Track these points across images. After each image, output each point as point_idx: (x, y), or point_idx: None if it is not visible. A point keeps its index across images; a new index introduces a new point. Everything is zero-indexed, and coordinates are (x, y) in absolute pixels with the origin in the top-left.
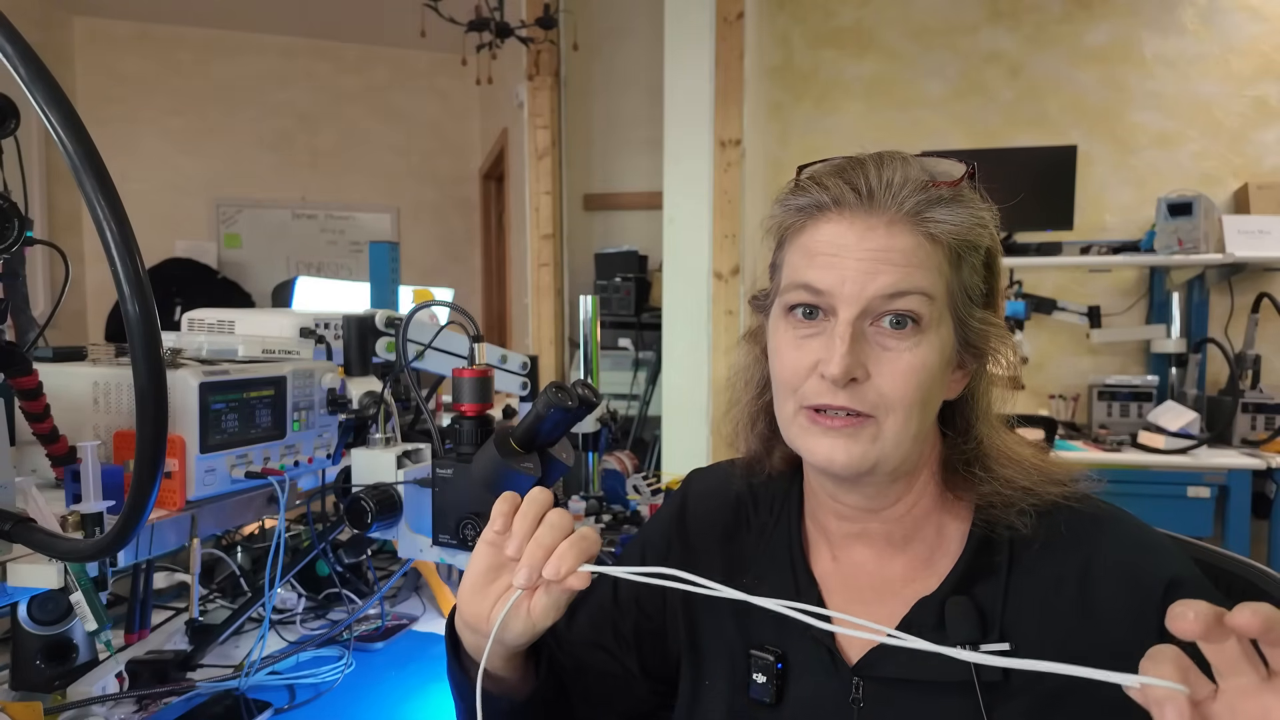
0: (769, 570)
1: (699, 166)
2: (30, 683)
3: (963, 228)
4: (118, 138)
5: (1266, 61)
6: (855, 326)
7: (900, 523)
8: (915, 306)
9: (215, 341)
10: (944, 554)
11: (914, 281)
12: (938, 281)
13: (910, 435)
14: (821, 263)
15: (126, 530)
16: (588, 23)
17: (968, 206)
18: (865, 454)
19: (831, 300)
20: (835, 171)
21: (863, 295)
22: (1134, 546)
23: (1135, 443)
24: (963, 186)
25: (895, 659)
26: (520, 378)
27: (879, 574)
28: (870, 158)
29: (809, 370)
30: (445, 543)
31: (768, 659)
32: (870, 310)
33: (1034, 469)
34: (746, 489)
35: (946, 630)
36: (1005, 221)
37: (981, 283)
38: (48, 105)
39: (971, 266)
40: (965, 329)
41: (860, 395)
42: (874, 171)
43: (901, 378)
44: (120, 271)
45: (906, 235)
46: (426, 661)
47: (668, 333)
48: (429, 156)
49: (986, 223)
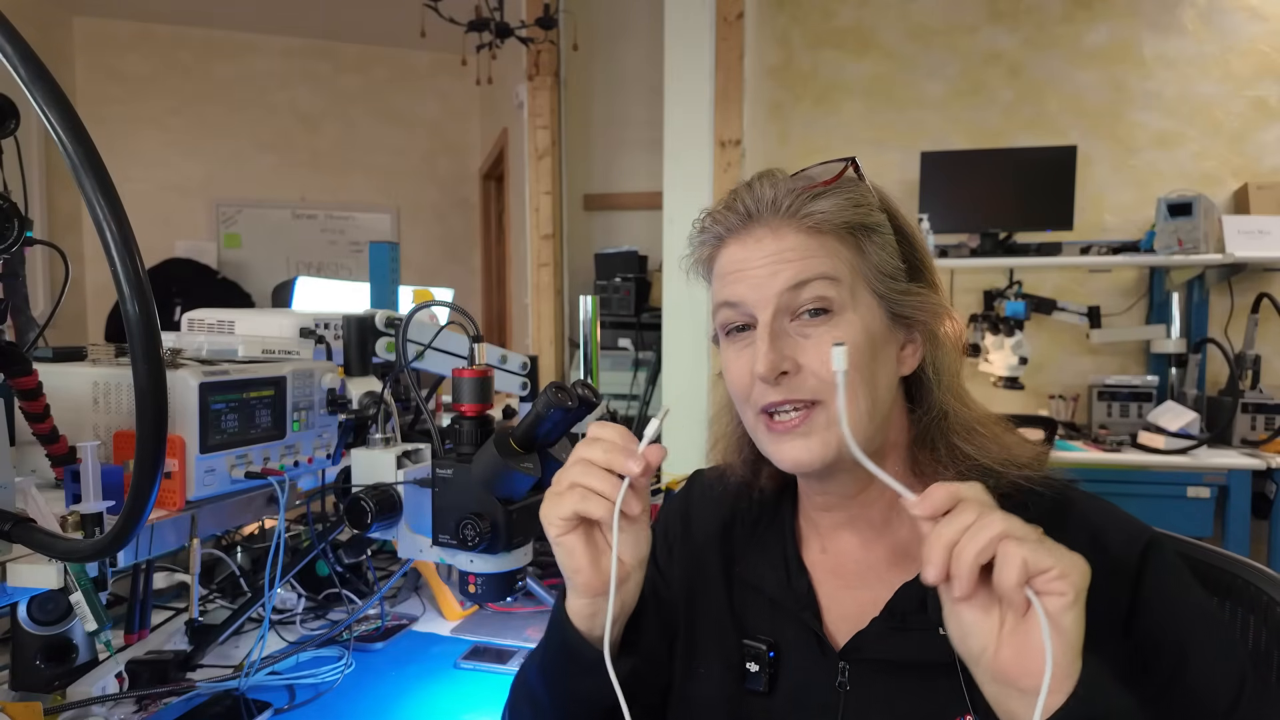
0: (762, 560)
1: (699, 166)
2: (30, 683)
3: (842, 211)
4: (118, 138)
5: (1266, 61)
6: (773, 326)
7: (875, 505)
8: (822, 291)
9: (215, 341)
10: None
11: (812, 269)
12: (838, 265)
13: (864, 412)
14: (732, 279)
15: (126, 530)
16: (588, 23)
17: (843, 194)
18: (824, 443)
19: (749, 309)
20: (722, 206)
21: (770, 294)
22: (1103, 523)
23: (1135, 443)
24: (841, 181)
25: (881, 642)
26: (520, 378)
27: (864, 560)
28: (743, 184)
29: (750, 377)
30: (445, 543)
31: (760, 648)
32: (784, 307)
33: (999, 446)
34: (745, 488)
35: (929, 611)
36: (1006, 221)
37: (898, 259)
38: (48, 105)
39: (877, 245)
40: (891, 303)
41: (797, 385)
42: (747, 194)
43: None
44: (120, 271)
45: (791, 234)
46: (426, 661)
47: (668, 333)
48: (429, 156)
49: (865, 201)
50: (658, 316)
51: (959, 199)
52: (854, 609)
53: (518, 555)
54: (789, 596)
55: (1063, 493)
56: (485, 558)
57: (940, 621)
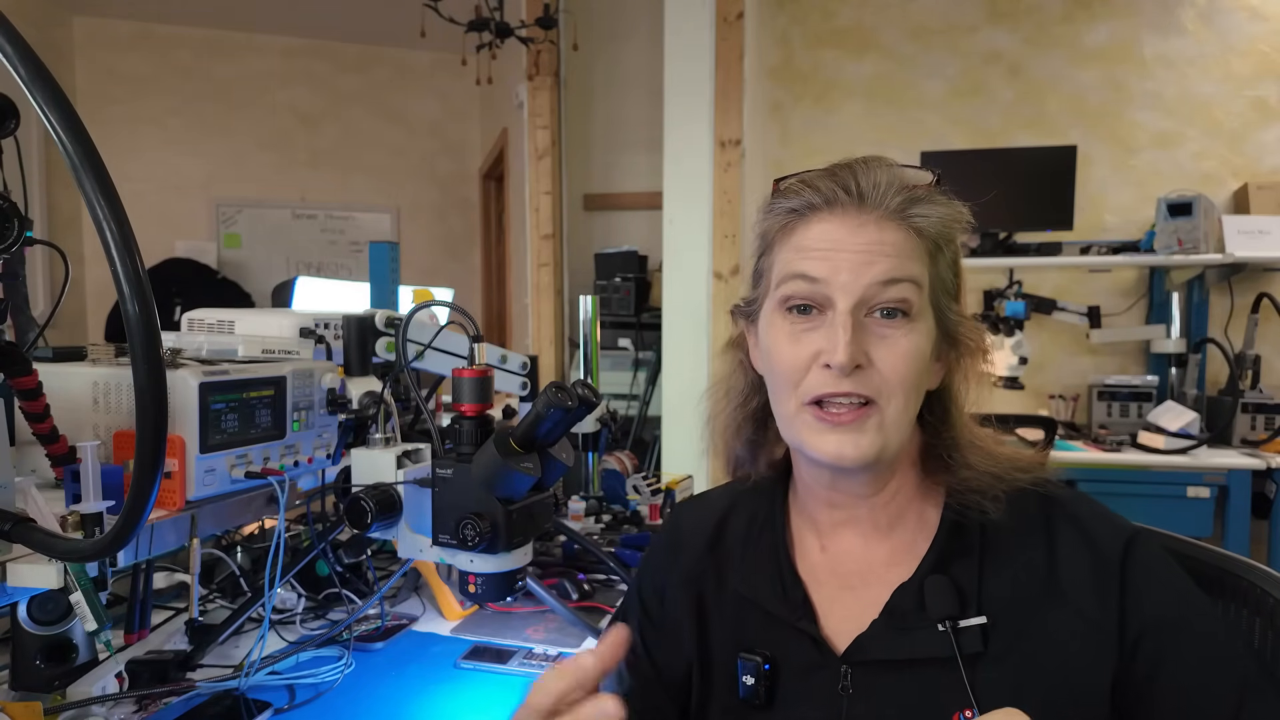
0: (754, 573)
1: (699, 166)
2: (30, 683)
3: (943, 222)
4: (118, 138)
5: (1266, 61)
6: (855, 316)
7: (885, 509)
8: (907, 294)
9: (215, 341)
10: (925, 539)
11: (906, 270)
12: (923, 273)
13: (907, 420)
14: (819, 255)
15: (126, 530)
16: (588, 23)
17: (943, 205)
18: (872, 444)
19: (827, 290)
20: (824, 175)
21: (859, 284)
22: (1090, 521)
23: (1135, 443)
24: (933, 189)
25: (881, 643)
26: (520, 378)
27: (865, 559)
28: (856, 162)
29: (809, 363)
30: (445, 543)
31: (756, 660)
32: (866, 299)
33: (1003, 458)
34: (730, 505)
35: (927, 609)
36: (1005, 221)
37: (954, 277)
38: (48, 105)
39: (947, 261)
40: (944, 320)
41: (865, 380)
42: (862, 173)
43: (901, 361)
44: (120, 271)
45: (895, 230)
46: (426, 661)
47: (668, 333)
48: (429, 156)
49: (960, 218)
50: (658, 316)
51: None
52: (854, 610)
53: (518, 555)
54: (785, 608)
55: (1051, 493)
56: (485, 558)
57: (939, 618)
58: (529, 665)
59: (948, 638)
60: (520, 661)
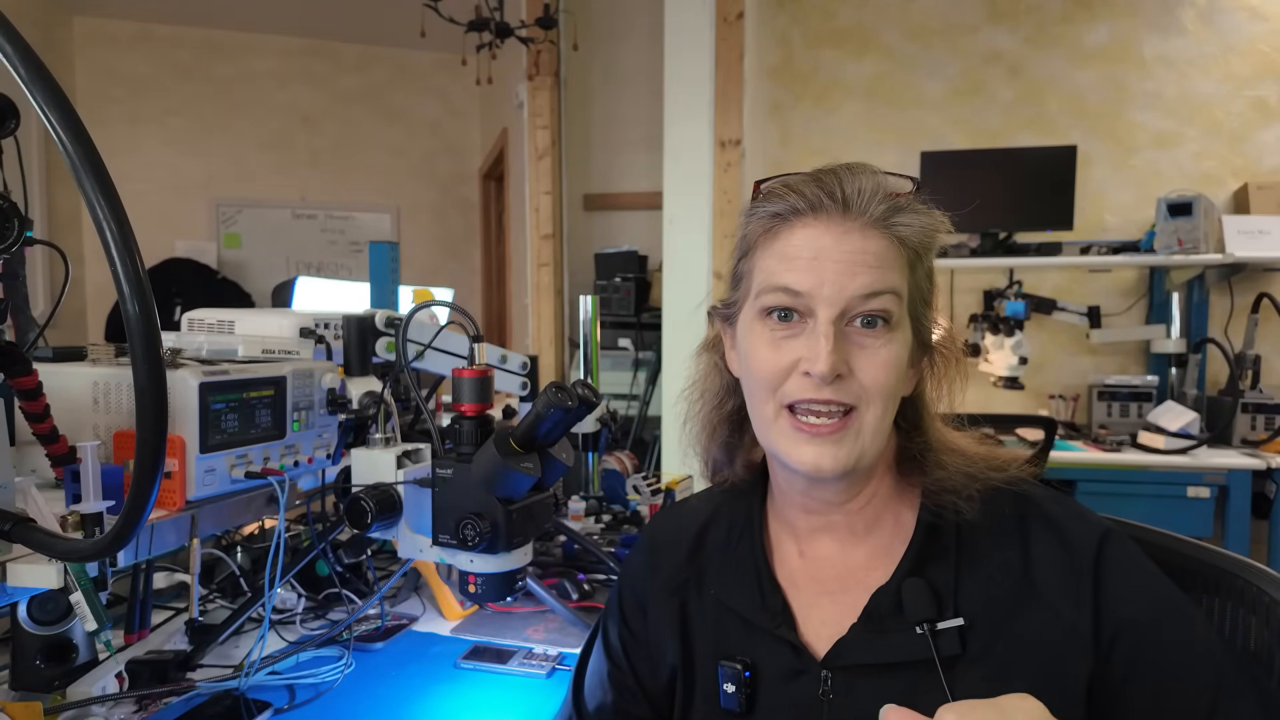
0: (733, 581)
1: (699, 166)
2: (30, 683)
3: (924, 231)
4: (118, 138)
5: (1266, 61)
6: (837, 326)
7: (862, 514)
8: (888, 305)
9: (215, 341)
10: (901, 542)
11: (888, 281)
12: (903, 283)
13: (884, 428)
14: (800, 265)
15: (126, 530)
16: (588, 23)
17: (925, 213)
18: (850, 454)
19: (810, 302)
20: (809, 179)
21: (842, 296)
22: (1064, 520)
23: (1135, 443)
24: (913, 197)
25: (861, 647)
26: (520, 378)
27: (843, 564)
28: (840, 167)
29: (789, 369)
30: (445, 543)
31: (735, 668)
32: (848, 310)
33: (979, 458)
34: (711, 513)
35: (905, 612)
36: (1005, 221)
37: (930, 286)
38: (48, 105)
39: (925, 271)
40: (919, 327)
41: (845, 389)
42: (847, 180)
43: (881, 370)
44: (120, 271)
45: (878, 238)
46: (426, 661)
47: (668, 333)
48: (429, 156)
49: (940, 228)
50: (658, 316)
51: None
52: (833, 614)
53: (518, 555)
54: (764, 615)
55: (1025, 491)
56: (485, 558)
57: (916, 621)
58: (529, 665)
59: (926, 640)
60: (520, 661)
